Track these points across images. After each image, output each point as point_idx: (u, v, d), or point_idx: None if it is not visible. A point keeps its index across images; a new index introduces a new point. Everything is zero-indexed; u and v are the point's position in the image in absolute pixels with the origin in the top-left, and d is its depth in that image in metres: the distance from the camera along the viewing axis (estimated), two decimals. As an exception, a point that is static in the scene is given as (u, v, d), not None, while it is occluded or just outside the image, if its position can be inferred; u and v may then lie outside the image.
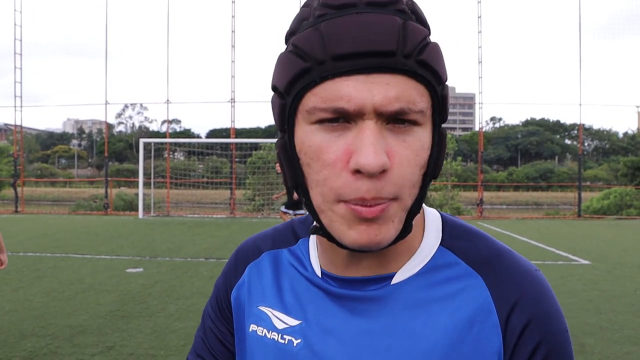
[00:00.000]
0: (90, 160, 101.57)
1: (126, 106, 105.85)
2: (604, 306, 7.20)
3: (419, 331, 0.78)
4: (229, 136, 26.52)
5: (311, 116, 0.70)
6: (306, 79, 0.69)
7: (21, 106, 25.92)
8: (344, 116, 0.68)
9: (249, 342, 0.90)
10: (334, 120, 0.69)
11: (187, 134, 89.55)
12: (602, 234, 17.12)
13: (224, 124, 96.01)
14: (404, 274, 0.81)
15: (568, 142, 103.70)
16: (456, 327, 0.77)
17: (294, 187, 0.75)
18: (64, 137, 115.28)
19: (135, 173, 29.40)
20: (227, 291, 0.98)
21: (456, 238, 0.85)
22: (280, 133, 0.76)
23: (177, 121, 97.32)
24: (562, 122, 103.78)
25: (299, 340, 0.84)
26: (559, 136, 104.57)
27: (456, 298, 0.79)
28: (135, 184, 27.11)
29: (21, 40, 25.78)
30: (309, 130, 0.71)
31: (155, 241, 13.64)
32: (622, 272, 9.80)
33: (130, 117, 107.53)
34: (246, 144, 26.98)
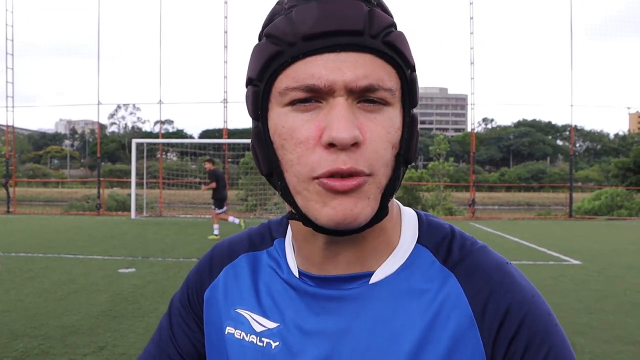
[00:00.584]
0: (82, 161, 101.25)
1: (119, 107, 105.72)
2: (595, 306, 7.24)
3: (397, 330, 0.78)
4: (221, 137, 26.51)
5: (284, 97, 0.71)
6: (278, 61, 0.71)
7: (13, 106, 25.83)
8: (316, 95, 0.70)
9: (225, 345, 0.89)
10: (307, 100, 0.70)
11: (179, 134, 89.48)
12: (593, 234, 17.21)
13: (216, 124, 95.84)
14: (382, 272, 0.81)
15: (560, 143, 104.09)
16: (434, 326, 0.77)
17: (269, 174, 0.77)
18: (56, 138, 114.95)
19: (128, 173, 29.33)
20: (200, 290, 0.96)
21: (432, 235, 0.85)
22: (254, 122, 0.77)
23: (170, 122, 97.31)
24: (554, 123, 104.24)
25: (277, 343, 0.84)
26: (550, 137, 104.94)
27: (432, 297, 0.79)
28: (127, 185, 27.04)
29: (13, 41, 25.68)
30: (282, 112, 0.72)
31: (148, 241, 13.62)
32: (612, 272, 9.85)
33: (123, 118, 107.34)
34: (239, 144, 26.94)
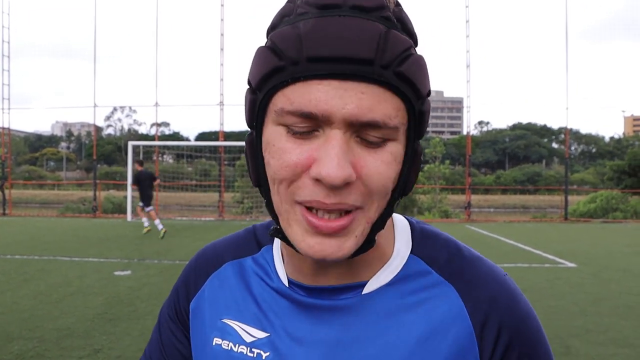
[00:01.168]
0: (78, 163, 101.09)
1: (115, 109, 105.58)
2: (590, 309, 7.25)
3: (392, 341, 0.77)
4: (217, 139, 26.45)
5: (279, 118, 0.67)
6: (278, 77, 0.66)
7: (9, 108, 25.86)
8: (312, 123, 0.65)
9: (213, 357, 0.86)
10: (303, 129, 0.66)
11: (176, 136, 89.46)
12: (588, 237, 17.24)
13: (213, 127, 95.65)
14: (375, 283, 0.79)
15: (555, 146, 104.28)
16: (430, 337, 0.76)
17: (257, 185, 0.74)
18: (52, 140, 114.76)
19: (124, 176, 29.32)
20: (186, 301, 0.94)
21: (426, 245, 0.83)
22: (250, 129, 0.74)
23: (166, 124, 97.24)
24: (549, 126, 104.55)
25: (268, 353, 0.81)
26: (546, 140, 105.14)
27: (429, 307, 0.78)
28: (123, 187, 27.01)
29: (9, 42, 25.69)
30: (276, 131, 0.68)
31: (144, 244, 13.60)
32: (607, 275, 9.87)
33: (119, 120, 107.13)
34: (235, 147, 26.93)
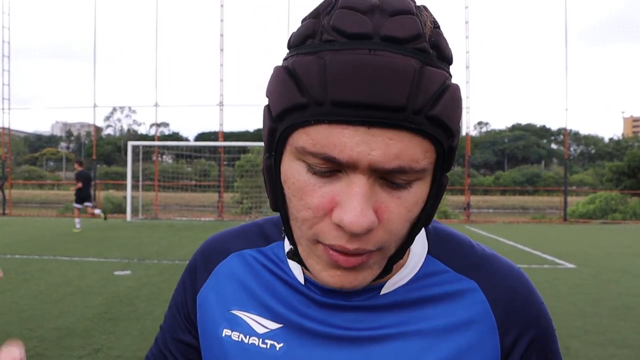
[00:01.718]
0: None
1: (115, 109, 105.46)
2: (589, 310, 7.26)
3: (411, 339, 0.77)
4: (217, 139, 26.45)
5: (300, 155, 0.64)
6: (300, 115, 0.62)
7: (9, 108, 25.87)
8: (335, 165, 0.62)
9: (224, 348, 0.84)
10: (324, 169, 0.63)
11: (175, 137, 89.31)
12: (587, 238, 17.25)
13: (212, 127, 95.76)
14: (393, 284, 0.79)
15: (554, 147, 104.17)
16: (451, 328, 0.77)
17: (275, 209, 0.71)
18: (52, 140, 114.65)
19: (124, 176, 29.30)
20: (193, 292, 0.92)
21: (442, 246, 0.83)
22: (267, 153, 0.69)
23: (166, 124, 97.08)
24: (549, 127, 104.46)
25: (282, 345, 0.80)
26: (545, 141, 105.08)
27: (450, 301, 0.78)
28: (123, 187, 26.99)
29: (9, 43, 25.69)
30: (296, 167, 0.65)
31: (143, 244, 13.60)
32: (606, 276, 9.88)
33: (119, 120, 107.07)
34: (234, 147, 26.94)
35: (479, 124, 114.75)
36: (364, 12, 0.61)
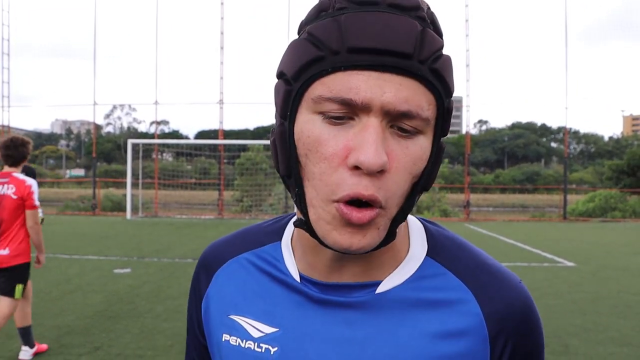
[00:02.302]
0: (78, 161, 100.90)
1: (114, 107, 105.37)
2: (588, 308, 7.28)
3: (404, 340, 0.77)
4: (217, 137, 26.45)
5: (316, 105, 0.69)
6: (317, 67, 0.69)
7: (9, 106, 25.84)
8: (350, 110, 0.67)
9: (223, 353, 0.87)
10: (339, 117, 0.68)
11: (175, 135, 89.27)
12: (587, 236, 17.27)
13: (212, 125, 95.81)
14: (390, 282, 0.80)
15: (554, 145, 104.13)
16: (444, 336, 0.77)
17: (287, 175, 0.74)
18: (52, 138, 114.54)
19: (124, 174, 29.29)
20: (199, 303, 0.95)
21: (442, 249, 0.84)
22: (280, 119, 0.74)
23: (166, 122, 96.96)
24: (549, 125, 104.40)
25: (276, 349, 0.82)
26: (545, 139, 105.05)
27: (445, 308, 0.79)
28: (123, 185, 26.98)
29: (8, 40, 25.68)
30: (311, 119, 0.70)
31: (143, 242, 13.62)
32: (606, 274, 9.91)
33: (119, 118, 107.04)
34: (234, 145, 26.97)
35: (479, 122, 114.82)
36: None
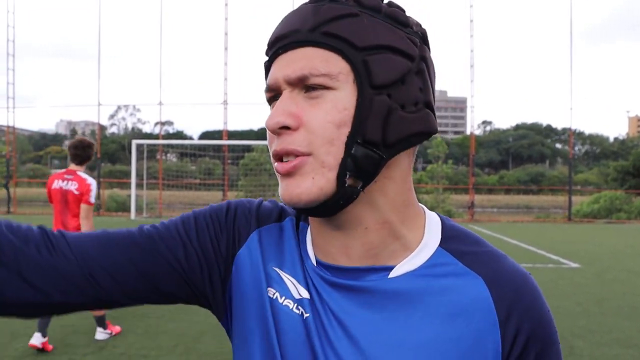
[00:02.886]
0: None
1: (119, 108, 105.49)
2: (593, 309, 7.26)
3: (416, 324, 0.79)
4: (221, 138, 26.47)
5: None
6: (267, 66, 0.83)
7: (14, 107, 26.02)
8: (276, 92, 0.80)
9: (270, 310, 0.84)
10: (274, 98, 0.81)
11: (179, 135, 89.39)
12: (591, 237, 17.24)
13: (216, 125, 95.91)
14: (401, 269, 0.82)
15: (559, 146, 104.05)
16: (455, 319, 0.79)
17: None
18: (56, 138, 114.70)
19: (128, 174, 29.30)
20: (232, 245, 0.91)
21: (454, 241, 0.86)
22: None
23: (170, 123, 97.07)
24: (554, 126, 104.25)
25: (308, 315, 0.82)
26: (550, 140, 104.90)
27: (456, 293, 0.80)
28: (127, 185, 27.02)
29: (14, 42, 25.80)
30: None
31: (147, 242, 13.63)
32: (611, 276, 9.88)
33: (123, 119, 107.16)
34: (239, 145, 26.98)
35: (483, 123, 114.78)
36: None
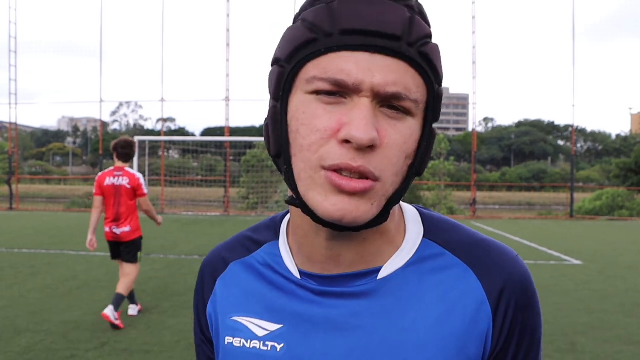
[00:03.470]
0: (84, 158, 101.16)
1: (121, 104, 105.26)
2: (595, 306, 7.26)
3: (410, 325, 0.78)
4: (223, 134, 26.48)
5: (309, 85, 0.71)
6: (310, 48, 0.71)
7: (16, 103, 25.90)
8: (342, 90, 0.70)
9: (227, 356, 0.87)
10: (331, 93, 0.70)
11: (181, 132, 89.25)
12: (594, 234, 17.21)
13: (218, 122, 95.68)
14: (390, 268, 0.81)
15: (561, 143, 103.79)
16: (448, 316, 0.78)
17: (277, 155, 0.76)
18: (58, 135, 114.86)
19: (130, 171, 29.29)
20: (204, 310, 0.95)
21: (437, 230, 0.85)
22: (273, 101, 0.76)
23: (172, 119, 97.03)
24: (556, 123, 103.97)
25: (282, 345, 0.82)
26: (552, 137, 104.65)
27: (446, 287, 0.80)
28: (129, 182, 27.01)
29: (16, 38, 25.74)
30: (306, 98, 0.72)
31: (150, 238, 13.57)
32: (613, 273, 9.87)
33: (125, 115, 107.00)
34: (241, 142, 26.97)
35: (485, 119, 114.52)
36: None
